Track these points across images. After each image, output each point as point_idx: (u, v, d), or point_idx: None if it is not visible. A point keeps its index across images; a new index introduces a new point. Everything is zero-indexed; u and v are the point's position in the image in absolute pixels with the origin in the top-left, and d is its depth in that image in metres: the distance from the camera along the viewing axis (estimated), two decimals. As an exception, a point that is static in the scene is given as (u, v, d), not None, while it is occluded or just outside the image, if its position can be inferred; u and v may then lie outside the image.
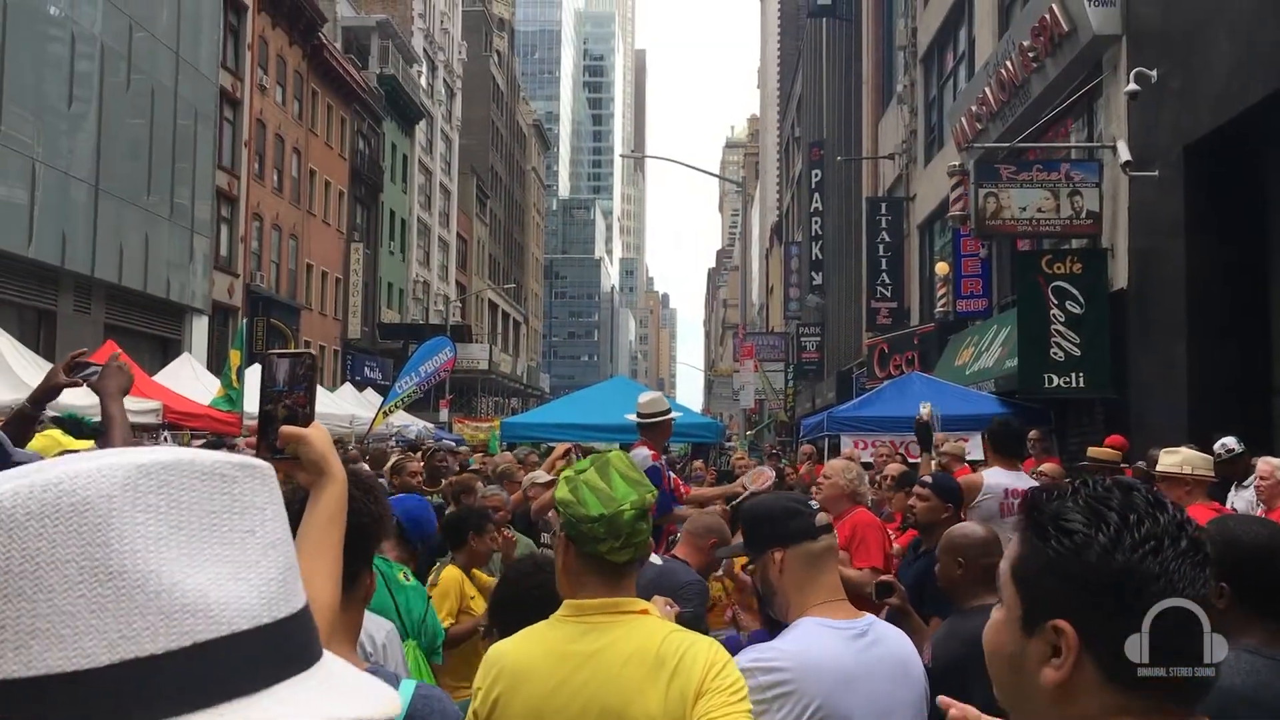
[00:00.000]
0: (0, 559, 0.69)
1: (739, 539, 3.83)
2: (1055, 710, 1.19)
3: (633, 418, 7.30)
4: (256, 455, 1.76)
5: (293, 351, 1.76)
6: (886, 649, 2.48)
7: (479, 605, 5.03)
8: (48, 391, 3.43)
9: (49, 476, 0.72)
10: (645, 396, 7.50)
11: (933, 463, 7.77)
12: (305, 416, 1.71)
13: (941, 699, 1.53)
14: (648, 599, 2.34)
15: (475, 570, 5.52)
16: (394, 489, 7.54)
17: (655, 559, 4.27)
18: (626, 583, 2.21)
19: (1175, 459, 5.65)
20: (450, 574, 5.26)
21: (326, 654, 0.84)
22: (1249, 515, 3.10)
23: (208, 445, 12.90)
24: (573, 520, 2.18)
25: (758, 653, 2.41)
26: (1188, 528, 1.18)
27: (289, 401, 1.71)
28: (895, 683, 2.45)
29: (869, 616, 2.55)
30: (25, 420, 3.42)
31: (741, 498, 6.31)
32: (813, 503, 2.64)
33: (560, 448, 7.95)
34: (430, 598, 4.41)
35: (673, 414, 7.37)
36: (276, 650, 0.78)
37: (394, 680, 2.18)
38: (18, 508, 0.70)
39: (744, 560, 4.94)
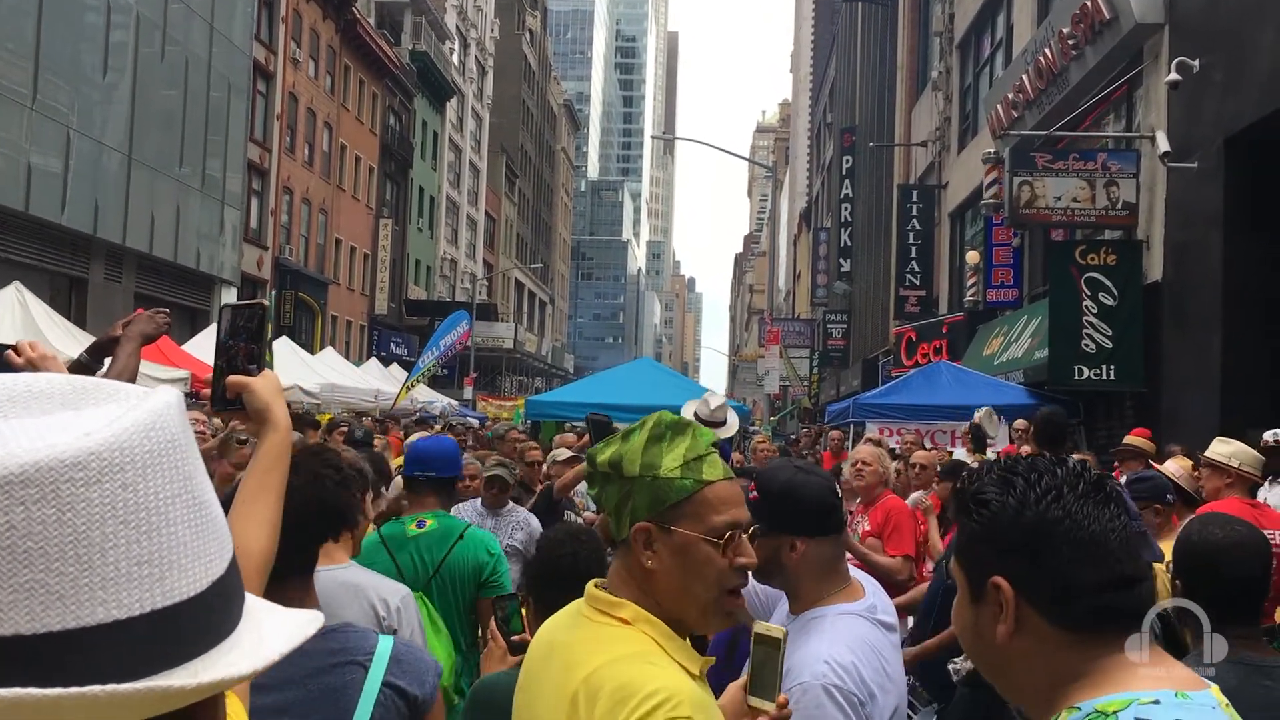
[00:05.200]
0: (142, 496, 0.73)
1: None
2: (1017, 663, 1.34)
3: (693, 408, 7.17)
4: (211, 406, 1.77)
5: (243, 303, 1.76)
6: (890, 619, 2.47)
7: None
8: (105, 344, 3.47)
9: (141, 417, 0.75)
10: (715, 401, 7.41)
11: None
12: (249, 366, 1.71)
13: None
14: None
15: None
16: None
17: None
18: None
19: (1227, 449, 5.58)
20: None
21: None
22: (1217, 515, 3.06)
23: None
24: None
25: (834, 674, 2.17)
26: (1086, 474, 1.34)
27: (233, 352, 1.71)
28: (898, 651, 2.46)
29: (868, 588, 2.51)
30: (83, 370, 3.45)
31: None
32: (839, 491, 2.58)
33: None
34: (461, 539, 4.29)
35: (729, 426, 7.27)
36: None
37: (371, 634, 2.32)
38: (137, 447, 0.73)
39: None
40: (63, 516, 0.70)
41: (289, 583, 2.14)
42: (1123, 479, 6.28)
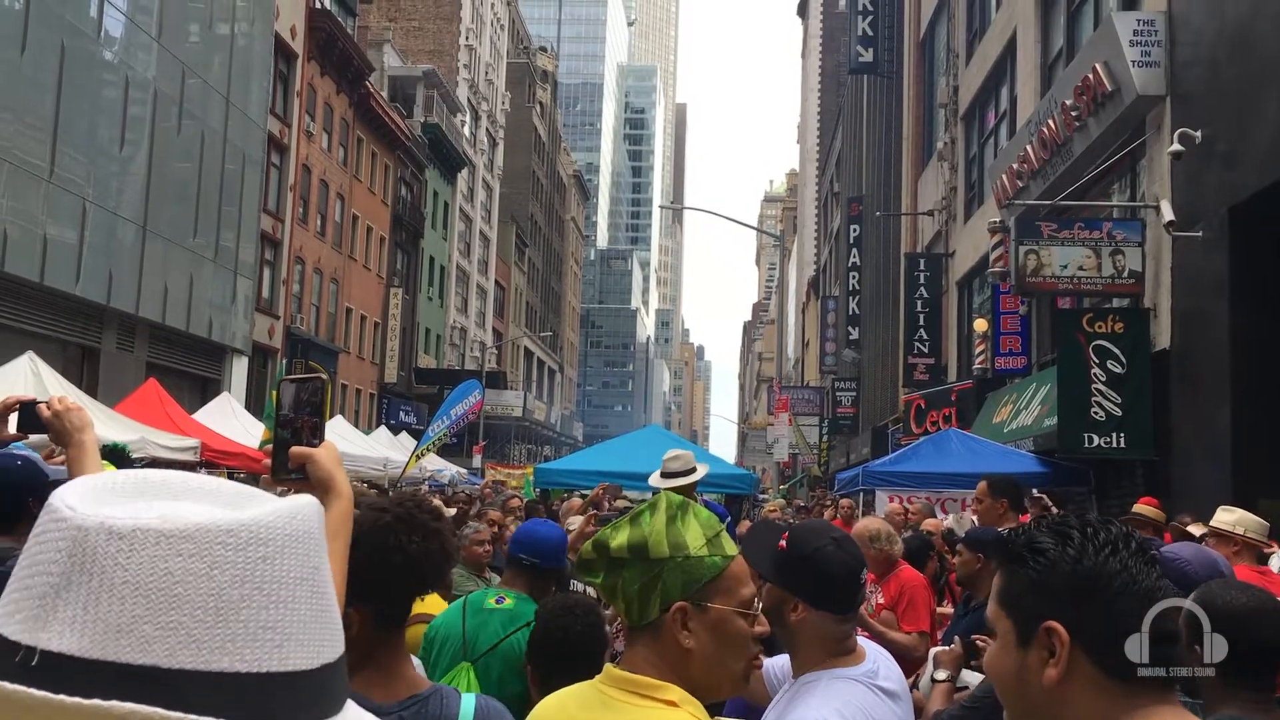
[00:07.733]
0: (277, 570, 0.82)
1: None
2: (1060, 709, 1.38)
3: (656, 481, 6.78)
4: (272, 476, 1.82)
5: (303, 376, 1.83)
6: (891, 685, 2.43)
7: None
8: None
9: (285, 506, 0.85)
10: (670, 453, 7.17)
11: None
12: (311, 438, 1.79)
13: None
14: None
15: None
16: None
17: None
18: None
19: (1231, 517, 5.58)
20: None
21: None
22: (1240, 582, 3.06)
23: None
24: None
25: None
26: (1134, 536, 1.43)
27: (297, 425, 1.79)
28: (900, 718, 2.42)
29: (870, 652, 2.49)
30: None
31: None
32: (863, 575, 2.54)
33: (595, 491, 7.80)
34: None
35: (697, 472, 6.96)
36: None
37: (455, 696, 2.26)
38: (279, 529, 0.83)
39: None
40: (210, 572, 0.79)
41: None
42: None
